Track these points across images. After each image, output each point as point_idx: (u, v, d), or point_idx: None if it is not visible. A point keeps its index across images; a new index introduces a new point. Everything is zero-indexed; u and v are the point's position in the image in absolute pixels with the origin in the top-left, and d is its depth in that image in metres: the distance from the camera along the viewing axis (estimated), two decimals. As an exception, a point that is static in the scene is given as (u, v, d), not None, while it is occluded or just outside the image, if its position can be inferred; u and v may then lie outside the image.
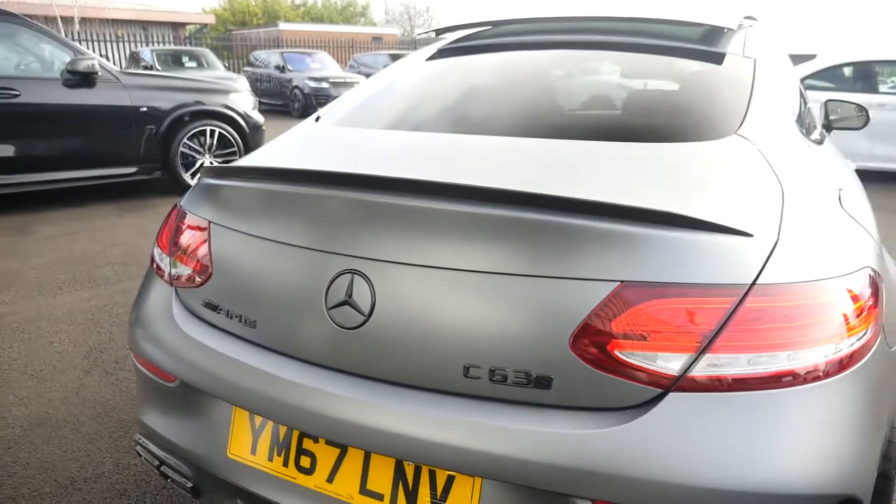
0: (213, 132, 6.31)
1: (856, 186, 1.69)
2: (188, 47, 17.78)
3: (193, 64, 15.31)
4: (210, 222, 1.38)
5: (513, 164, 1.32)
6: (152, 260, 1.55)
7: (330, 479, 1.17)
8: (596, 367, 1.01)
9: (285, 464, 1.21)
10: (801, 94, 2.17)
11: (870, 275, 1.14)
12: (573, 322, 1.01)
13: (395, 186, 1.14)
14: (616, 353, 1.01)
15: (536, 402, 1.04)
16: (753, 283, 1.01)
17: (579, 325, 1.01)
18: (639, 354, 1.00)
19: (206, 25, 25.75)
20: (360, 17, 35.65)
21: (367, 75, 16.57)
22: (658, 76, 1.88)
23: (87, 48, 18.35)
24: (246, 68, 17.99)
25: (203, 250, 1.37)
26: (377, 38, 27.56)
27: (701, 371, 0.99)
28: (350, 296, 1.13)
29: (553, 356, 1.02)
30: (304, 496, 1.19)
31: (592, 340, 1.01)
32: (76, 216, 5.43)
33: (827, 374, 1.02)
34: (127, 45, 18.58)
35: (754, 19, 2.41)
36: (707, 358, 0.99)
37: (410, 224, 1.11)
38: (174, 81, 6.45)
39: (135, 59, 15.65)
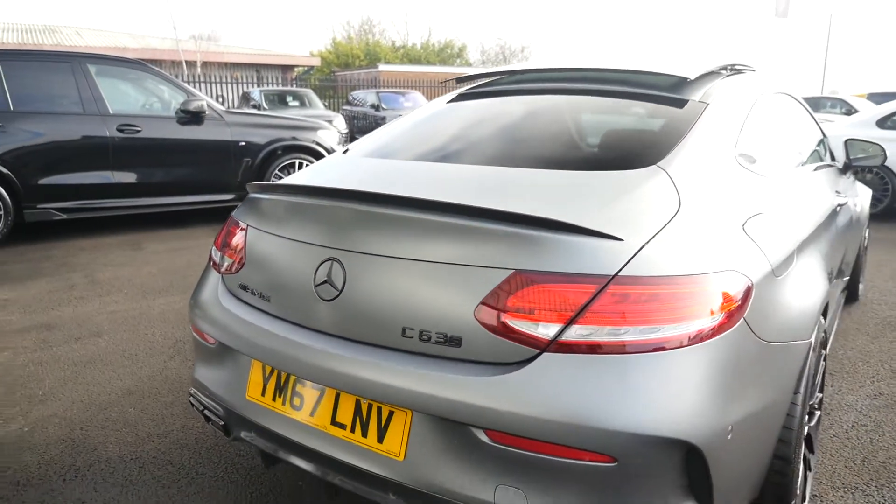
0: (301, 164, 7.04)
1: (788, 215, 1.90)
2: (292, 88, 19.26)
3: (296, 103, 16.63)
4: (248, 225, 1.85)
5: (464, 185, 1.71)
6: (210, 257, 2.03)
7: (312, 414, 1.57)
8: (492, 331, 1.36)
9: (283, 403, 1.63)
10: (780, 132, 2.40)
11: (735, 278, 1.42)
12: (477, 298, 1.38)
13: (362, 198, 1.56)
14: (507, 321, 1.36)
15: (450, 357, 1.41)
16: (616, 274, 1.33)
17: (481, 300, 1.37)
18: (523, 323, 1.35)
19: (312, 67, 27.69)
20: (457, 58, 37.12)
21: None
22: (615, 118, 2.20)
23: (207, 89, 20.31)
24: (344, 107, 19.20)
25: (241, 246, 1.84)
26: (470, 78, 28.53)
27: (569, 337, 1.32)
28: (329, 276, 1.55)
29: (463, 323, 1.39)
30: (294, 427, 1.59)
31: (490, 312, 1.37)
32: (180, 236, 6.23)
33: (673, 347, 1.32)
34: (241, 85, 20.40)
35: (749, 69, 2.67)
36: (574, 328, 1.32)
37: (370, 225, 1.52)
38: (269, 119, 7.26)
39: (246, 98, 17.18)
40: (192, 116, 6.47)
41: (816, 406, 2.09)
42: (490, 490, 1.34)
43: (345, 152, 2.28)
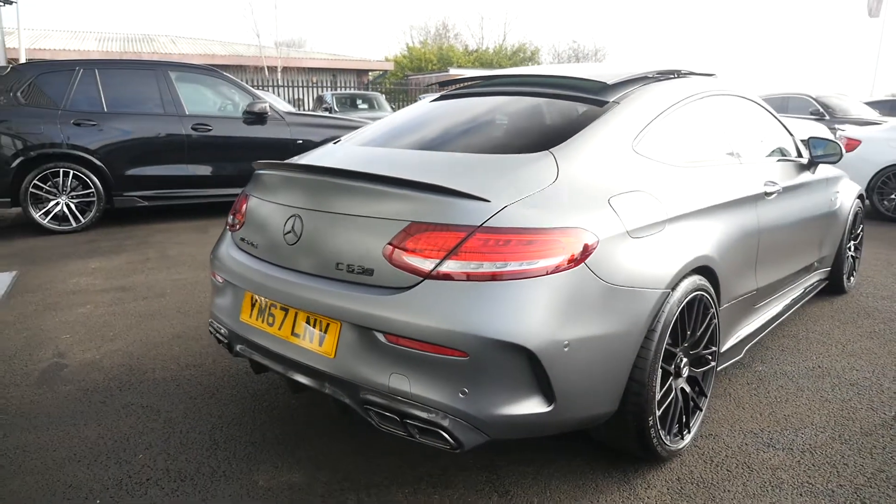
0: (351, 161, 7.73)
1: (670, 194, 2.29)
2: (362, 91, 20.23)
3: (365, 105, 17.56)
4: (249, 195, 2.46)
5: (400, 163, 2.26)
6: (226, 221, 2.66)
7: (280, 328, 2.16)
8: (393, 264, 1.90)
9: (263, 321, 2.22)
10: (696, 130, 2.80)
11: (580, 233, 1.90)
12: (385, 241, 1.92)
13: (318, 171, 2.13)
14: (402, 257, 1.89)
15: (366, 283, 1.95)
16: (480, 225, 1.84)
17: (387, 242, 1.91)
18: (413, 259, 1.87)
19: (385, 72, 28.75)
20: (529, 61, 37.44)
21: None
22: (536, 114, 2.67)
23: (286, 92, 21.60)
24: None
25: (244, 209, 2.46)
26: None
27: (443, 269, 1.84)
28: (292, 228, 2.14)
29: (375, 258, 1.93)
30: (269, 339, 2.18)
31: (392, 250, 1.90)
32: (242, 221, 7.05)
33: (519, 278, 1.81)
34: (318, 89, 21.60)
35: (695, 74, 3.07)
36: (447, 262, 1.84)
37: (320, 190, 2.10)
38: (324, 120, 8.01)
39: (320, 101, 18.26)
40: (256, 117, 7.28)
41: (708, 356, 2.49)
42: (387, 376, 1.88)
43: (335, 143, 2.87)
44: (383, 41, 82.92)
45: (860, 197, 4.48)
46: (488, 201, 1.89)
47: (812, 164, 3.67)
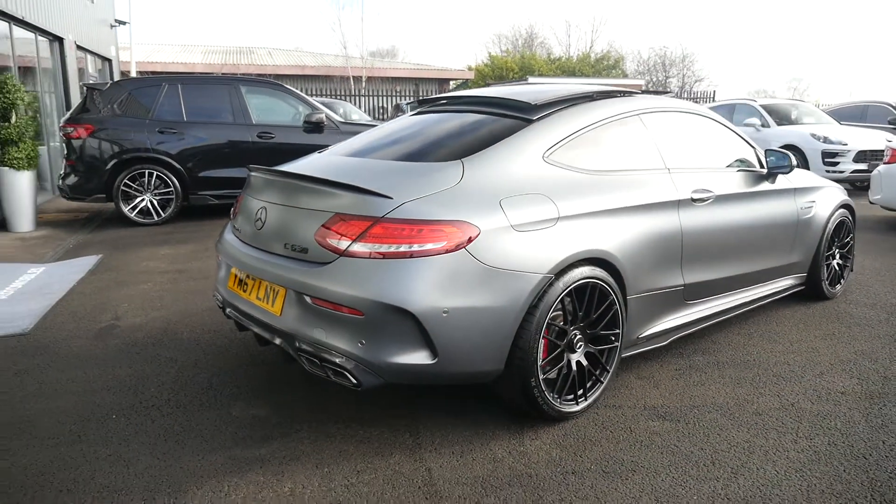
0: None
1: (568, 198, 2.74)
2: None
3: (438, 114, 18.29)
4: (243, 193, 3.13)
5: (345, 168, 2.85)
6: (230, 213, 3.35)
7: (250, 294, 2.80)
8: (320, 245, 2.49)
9: (240, 289, 2.87)
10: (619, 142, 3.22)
11: (464, 225, 2.41)
12: (317, 227, 2.51)
13: (281, 174, 2.76)
14: (327, 240, 2.47)
15: (303, 259, 2.55)
16: (382, 216, 2.40)
17: (317, 228, 2.51)
18: (333, 241, 2.46)
19: (466, 80, 29.50)
20: (612, 69, 37.13)
21: None
22: (468, 129, 3.15)
23: (369, 101, 22.75)
24: None
25: (240, 204, 3.13)
26: (620, 89, 28.71)
27: (352, 248, 2.41)
28: (260, 217, 2.78)
29: (309, 240, 2.53)
30: (244, 303, 2.83)
31: (320, 234, 2.50)
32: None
33: (409, 257, 2.35)
34: (400, 98, 22.62)
35: (629, 92, 3.49)
36: (356, 244, 2.41)
37: (279, 188, 2.73)
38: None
39: (397, 108, 19.21)
40: (314, 126, 8.11)
41: (611, 337, 2.91)
42: (312, 329, 2.48)
43: (319, 152, 3.50)
44: (471, 50, 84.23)
45: (846, 206, 4.63)
46: (391, 198, 2.45)
47: (771, 175, 3.94)
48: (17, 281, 5.20)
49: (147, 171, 7.55)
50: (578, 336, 2.80)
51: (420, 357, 2.41)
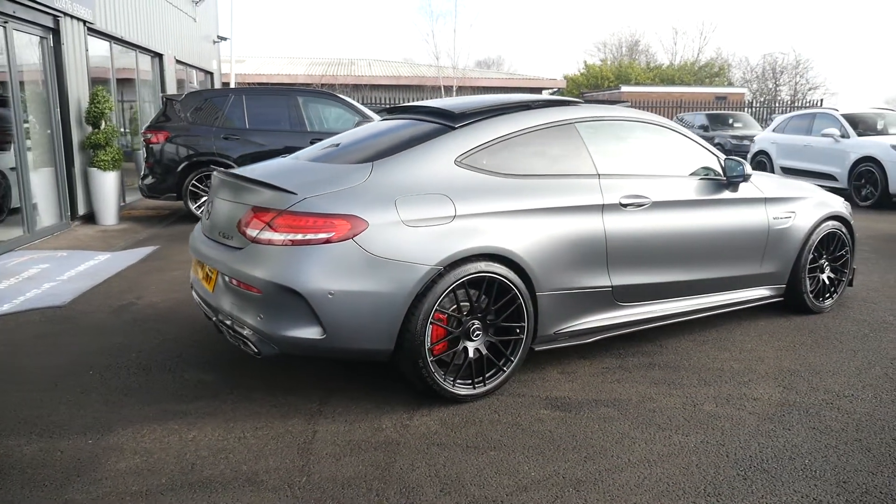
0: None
1: (463, 200, 2.99)
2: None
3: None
4: (209, 194, 3.63)
5: (281, 171, 3.26)
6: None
7: (200, 276, 3.28)
8: (239, 233, 2.91)
9: (198, 273, 3.36)
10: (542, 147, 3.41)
11: (353, 219, 2.75)
12: (237, 218, 2.94)
13: (234, 177, 3.21)
14: (243, 228, 2.89)
15: (228, 245, 2.99)
16: (285, 209, 2.79)
17: (238, 220, 2.93)
18: (247, 229, 2.87)
19: (558, 89, 29.43)
20: (715, 77, 35.53)
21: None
22: (402, 134, 3.43)
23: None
24: None
25: (207, 203, 3.63)
26: (721, 98, 27.54)
27: (260, 236, 2.81)
28: (209, 210, 3.25)
29: (234, 229, 2.96)
30: (198, 283, 3.31)
31: (240, 224, 2.92)
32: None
33: (303, 245, 2.72)
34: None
35: (572, 101, 3.67)
36: (263, 233, 2.80)
37: (224, 186, 3.19)
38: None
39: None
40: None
41: (516, 329, 3.12)
42: (229, 305, 2.91)
43: (284, 156, 3.95)
44: (575, 58, 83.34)
45: (837, 218, 4.49)
46: (295, 194, 2.83)
47: (732, 183, 3.95)
48: (82, 265, 6.06)
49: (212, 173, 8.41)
50: (476, 325, 3.04)
51: (310, 332, 2.77)
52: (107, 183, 8.30)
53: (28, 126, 7.48)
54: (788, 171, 11.67)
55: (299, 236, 2.75)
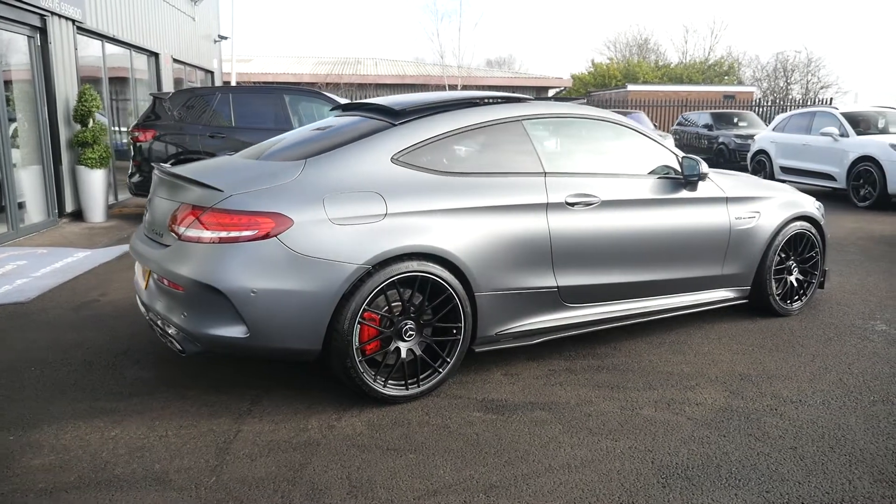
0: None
1: (396, 198, 2.94)
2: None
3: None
4: (149, 192, 3.61)
5: (217, 168, 3.23)
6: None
7: (140, 275, 3.26)
8: (169, 230, 2.89)
9: (139, 275, 3.34)
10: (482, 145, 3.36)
11: (278, 217, 2.72)
12: (169, 214, 2.92)
13: (170, 175, 3.19)
14: (172, 225, 2.86)
15: (159, 242, 2.97)
16: (211, 206, 2.76)
17: (170, 215, 2.91)
18: (176, 227, 2.84)
19: (564, 88, 29.30)
20: (725, 76, 35.11)
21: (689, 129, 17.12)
22: (344, 132, 3.38)
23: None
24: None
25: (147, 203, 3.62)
26: (729, 97, 27.22)
27: (186, 233, 2.78)
28: (147, 208, 3.23)
29: (164, 227, 2.94)
30: (140, 287, 3.29)
31: (169, 220, 2.89)
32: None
33: (226, 242, 2.69)
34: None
35: (531, 99, 3.61)
36: (190, 230, 2.78)
37: (163, 185, 3.16)
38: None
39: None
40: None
41: (453, 329, 3.07)
42: (157, 302, 2.88)
43: (230, 154, 3.92)
44: (584, 57, 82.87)
45: (806, 219, 4.39)
46: (222, 191, 2.80)
47: (690, 183, 3.86)
48: (59, 262, 6.09)
49: (197, 171, 8.43)
50: (410, 326, 2.99)
51: (234, 331, 2.74)
52: (94, 181, 8.34)
53: (16, 124, 7.54)
54: (788, 171, 11.50)
55: (224, 234, 2.72)
